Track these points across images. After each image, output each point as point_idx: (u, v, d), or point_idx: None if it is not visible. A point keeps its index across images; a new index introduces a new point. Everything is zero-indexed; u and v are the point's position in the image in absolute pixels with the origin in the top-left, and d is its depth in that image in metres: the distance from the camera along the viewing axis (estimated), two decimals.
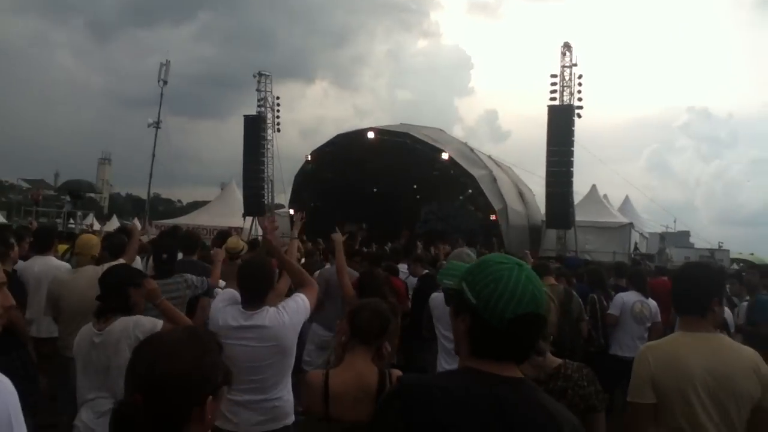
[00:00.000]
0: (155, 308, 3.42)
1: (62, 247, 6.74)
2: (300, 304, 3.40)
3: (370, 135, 22.12)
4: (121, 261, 4.59)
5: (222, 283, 5.03)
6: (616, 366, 5.89)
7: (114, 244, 5.30)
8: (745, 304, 6.60)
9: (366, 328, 2.78)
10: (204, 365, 1.48)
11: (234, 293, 3.42)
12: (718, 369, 2.41)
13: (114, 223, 36.68)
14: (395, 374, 2.75)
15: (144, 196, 37.69)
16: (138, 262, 5.06)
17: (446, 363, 4.50)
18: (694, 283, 2.66)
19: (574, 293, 6.08)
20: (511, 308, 1.41)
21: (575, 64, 20.70)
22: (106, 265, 3.95)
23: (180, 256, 5.47)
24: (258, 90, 26.33)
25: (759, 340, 5.10)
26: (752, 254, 29.82)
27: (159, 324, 3.15)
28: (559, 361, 2.57)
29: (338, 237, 5.20)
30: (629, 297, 6.57)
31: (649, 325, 6.41)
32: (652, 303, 6.54)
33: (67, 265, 5.26)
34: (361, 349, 2.78)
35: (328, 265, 6.79)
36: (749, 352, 2.51)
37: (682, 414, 2.43)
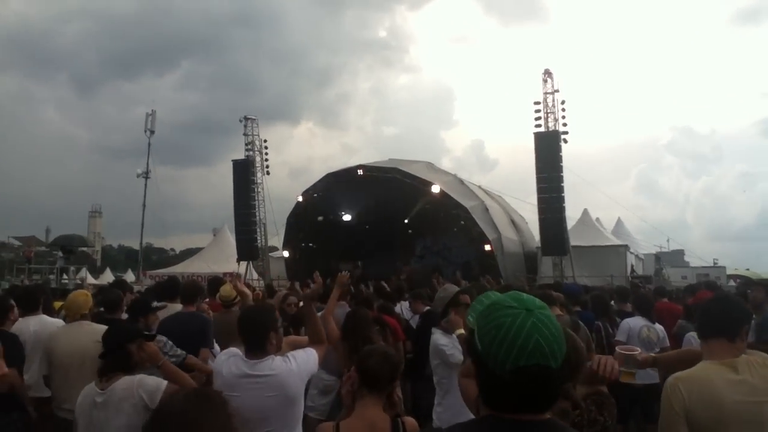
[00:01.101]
0: (158, 370, 3.33)
1: (58, 305, 6.65)
2: (310, 357, 3.32)
3: (360, 172, 22.25)
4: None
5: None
6: (626, 394, 5.71)
7: (109, 299, 5.20)
8: (752, 322, 6.50)
9: (376, 375, 2.70)
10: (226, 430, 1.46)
11: (236, 350, 3.26)
12: (753, 395, 2.38)
13: (108, 276, 36.52)
14: (408, 422, 2.67)
15: (136, 247, 37.55)
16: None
17: (436, 400, 4.41)
18: (730, 307, 2.70)
19: (581, 323, 5.98)
20: (511, 359, 1.30)
21: (557, 90, 21.09)
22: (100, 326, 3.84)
23: (179, 307, 5.38)
24: (245, 134, 26.58)
25: None
26: (748, 270, 29.85)
27: (163, 384, 3.06)
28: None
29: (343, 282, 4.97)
30: (635, 322, 6.46)
31: (657, 350, 6.27)
32: (659, 327, 6.45)
33: (61, 321, 5.16)
34: (372, 397, 2.69)
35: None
36: None
37: None
